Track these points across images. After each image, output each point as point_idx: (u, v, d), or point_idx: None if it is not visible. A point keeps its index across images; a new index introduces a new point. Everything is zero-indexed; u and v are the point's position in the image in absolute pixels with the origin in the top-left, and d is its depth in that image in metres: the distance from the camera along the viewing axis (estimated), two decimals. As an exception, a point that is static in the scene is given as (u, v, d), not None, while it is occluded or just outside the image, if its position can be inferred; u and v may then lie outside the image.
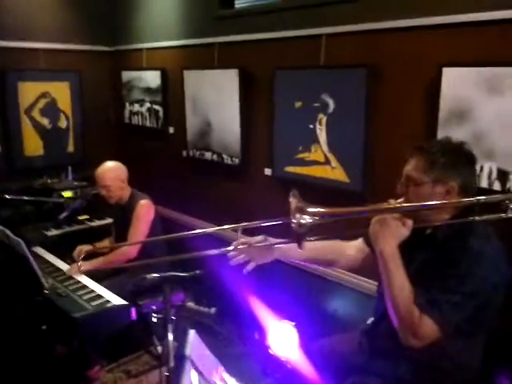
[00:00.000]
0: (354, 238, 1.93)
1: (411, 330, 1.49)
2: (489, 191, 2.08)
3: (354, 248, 1.92)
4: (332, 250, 1.90)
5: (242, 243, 1.72)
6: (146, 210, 3.03)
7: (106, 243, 3.30)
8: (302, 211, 1.44)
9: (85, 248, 3.15)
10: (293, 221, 1.44)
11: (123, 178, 3.11)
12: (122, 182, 3.09)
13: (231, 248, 1.73)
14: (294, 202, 1.46)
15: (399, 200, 1.60)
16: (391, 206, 1.54)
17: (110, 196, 3.08)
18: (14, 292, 2.74)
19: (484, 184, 2.12)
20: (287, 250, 1.80)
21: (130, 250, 2.95)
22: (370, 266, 1.94)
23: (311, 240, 1.63)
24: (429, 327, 1.48)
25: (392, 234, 1.51)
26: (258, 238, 1.75)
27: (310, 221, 1.44)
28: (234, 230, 1.70)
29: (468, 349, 1.61)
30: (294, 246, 1.78)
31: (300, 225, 1.43)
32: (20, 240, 2.44)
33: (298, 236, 1.45)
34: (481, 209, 1.49)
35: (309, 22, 2.77)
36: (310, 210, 1.45)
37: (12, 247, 2.53)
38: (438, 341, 1.51)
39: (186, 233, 1.86)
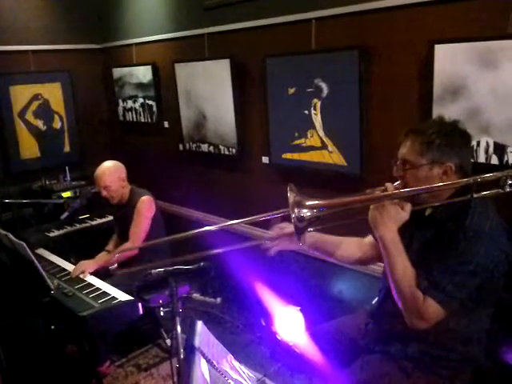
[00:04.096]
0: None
1: (416, 312, 1.50)
2: (486, 166, 2.09)
3: (353, 244, 1.95)
4: (331, 242, 1.93)
5: (281, 229, 1.78)
6: (147, 206, 3.01)
7: (110, 246, 3.25)
8: (300, 205, 1.45)
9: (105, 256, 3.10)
10: (292, 215, 1.45)
11: (123, 176, 3.07)
12: (122, 181, 3.05)
13: (270, 236, 1.80)
14: (291, 196, 1.47)
15: (396, 183, 1.60)
16: (389, 193, 1.53)
17: (111, 196, 3.04)
18: (21, 295, 2.76)
19: (482, 159, 2.12)
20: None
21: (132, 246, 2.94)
22: (368, 261, 1.98)
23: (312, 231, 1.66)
24: (433, 309, 1.49)
25: (391, 219, 1.50)
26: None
27: (309, 214, 1.46)
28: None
29: (473, 324, 1.62)
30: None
31: (299, 219, 1.45)
32: (23, 243, 2.45)
33: (297, 230, 1.46)
34: (479, 185, 1.48)
35: (297, 7, 2.75)
36: (308, 203, 1.46)
37: (16, 251, 2.54)
38: (443, 319, 1.52)
39: (192, 231, 1.82)
